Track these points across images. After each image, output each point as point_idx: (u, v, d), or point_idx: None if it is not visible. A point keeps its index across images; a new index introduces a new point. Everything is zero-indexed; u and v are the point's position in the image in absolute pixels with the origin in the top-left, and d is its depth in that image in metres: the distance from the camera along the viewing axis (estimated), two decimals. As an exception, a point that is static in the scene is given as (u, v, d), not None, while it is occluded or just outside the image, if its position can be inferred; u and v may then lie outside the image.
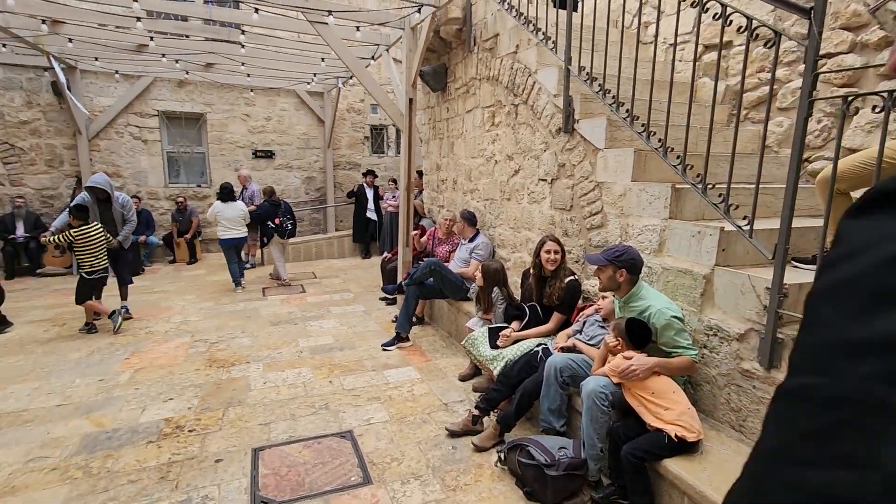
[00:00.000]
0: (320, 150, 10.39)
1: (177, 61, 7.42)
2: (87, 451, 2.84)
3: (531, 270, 3.54)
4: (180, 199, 8.84)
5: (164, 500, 2.44)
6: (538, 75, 3.99)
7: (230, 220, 6.50)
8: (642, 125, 2.95)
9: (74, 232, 4.73)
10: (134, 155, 8.92)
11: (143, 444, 2.91)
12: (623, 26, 3.66)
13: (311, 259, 9.14)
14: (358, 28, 5.58)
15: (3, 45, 6.60)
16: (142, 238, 8.27)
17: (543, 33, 3.82)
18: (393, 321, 5.14)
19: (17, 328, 5.15)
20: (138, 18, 5.26)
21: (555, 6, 3.74)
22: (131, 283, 5.63)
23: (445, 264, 4.71)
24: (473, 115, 5.22)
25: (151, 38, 6.18)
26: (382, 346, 4.55)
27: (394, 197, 9.34)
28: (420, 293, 4.61)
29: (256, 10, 4.96)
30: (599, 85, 3.26)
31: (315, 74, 8.05)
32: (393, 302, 6.06)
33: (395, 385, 3.77)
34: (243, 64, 7.33)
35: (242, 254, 7.54)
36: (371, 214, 9.27)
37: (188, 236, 8.72)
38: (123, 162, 8.86)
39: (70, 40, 6.23)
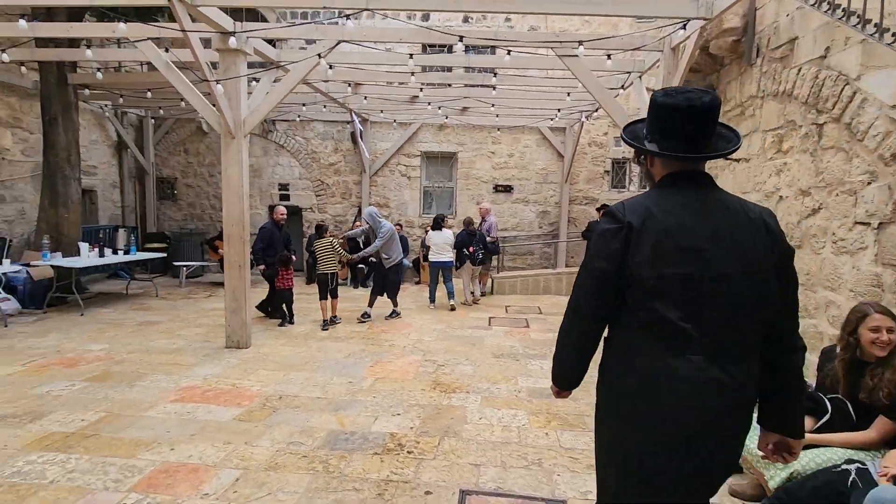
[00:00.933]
0: (557, 185, 10.33)
1: (439, 108, 8.44)
2: (329, 447, 3.19)
3: (839, 350, 2.52)
4: (429, 228, 9.95)
5: (378, 519, 2.49)
6: (862, 82, 2.94)
7: (438, 245, 7.42)
8: None
9: (316, 243, 6.48)
10: (400, 189, 10.52)
11: (370, 454, 3.11)
12: None
13: (538, 293, 9.03)
14: (609, 56, 5.27)
15: (325, 106, 8.65)
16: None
17: (876, 25, 2.79)
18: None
19: (303, 325, 6.46)
20: (412, 73, 6.15)
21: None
22: (391, 298, 6.79)
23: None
24: (749, 141, 4.25)
25: (421, 90, 7.17)
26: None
27: None
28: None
29: (509, 52, 5.18)
30: None
31: (559, 110, 8.05)
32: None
33: None
34: (493, 105, 7.85)
35: (476, 283, 8.10)
36: (605, 253, 8.63)
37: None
38: (392, 195, 10.54)
39: (365, 98, 7.74)
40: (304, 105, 8.27)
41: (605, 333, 1.49)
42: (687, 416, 1.28)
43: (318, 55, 5.00)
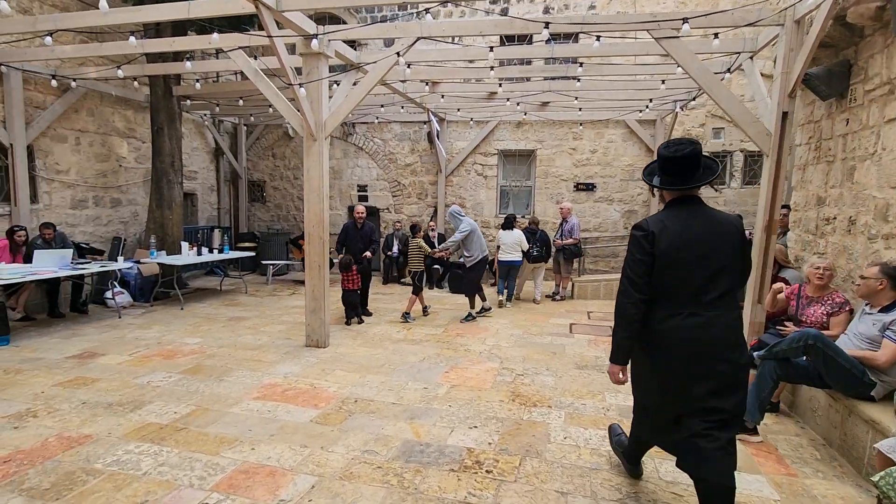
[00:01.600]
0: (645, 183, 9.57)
1: (518, 104, 8.13)
2: (404, 459, 3.04)
3: None
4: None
5: (455, 547, 2.29)
6: None
7: (508, 245, 7.48)
8: None
9: (410, 242, 7.09)
10: (476, 189, 10.32)
11: (447, 471, 2.92)
12: None
13: (622, 299, 8.41)
14: (716, 35, 4.67)
15: (402, 107, 8.67)
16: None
17: None
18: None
19: (378, 325, 6.46)
20: (492, 67, 5.91)
21: None
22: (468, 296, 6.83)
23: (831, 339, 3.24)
24: (899, 125, 3.52)
25: (500, 84, 6.90)
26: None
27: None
28: (783, 373, 3.30)
29: (598, 38, 4.77)
30: None
31: (651, 100, 7.39)
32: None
33: (737, 496, 2.71)
34: (577, 98, 7.39)
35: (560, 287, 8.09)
36: (701, 256, 7.83)
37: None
38: (468, 195, 10.37)
39: (442, 96, 7.62)
40: (382, 106, 8.34)
41: None
42: (683, 346, 2.14)
43: (397, 53, 4.93)
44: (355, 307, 6.50)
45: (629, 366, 2.38)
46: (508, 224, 7.53)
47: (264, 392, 4.06)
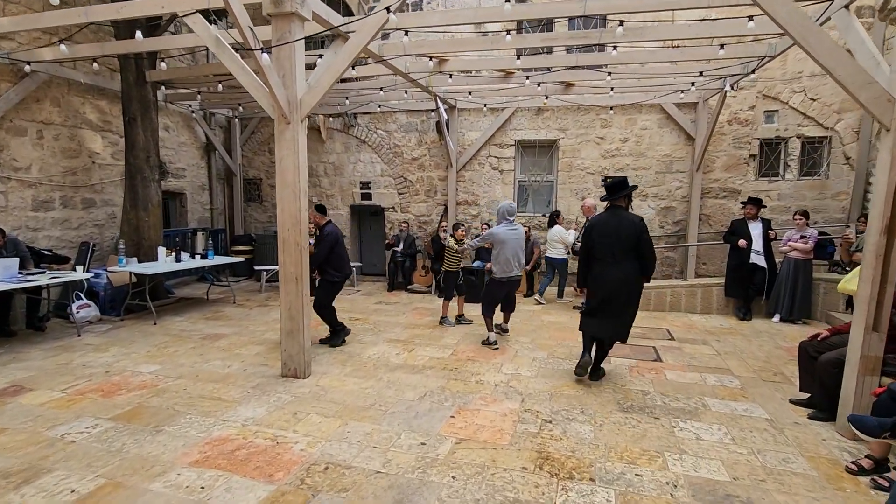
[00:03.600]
0: (685, 175, 8.36)
1: (539, 84, 7.01)
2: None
3: None
4: (525, 229, 8.55)
5: None
6: None
7: (550, 241, 7.74)
8: None
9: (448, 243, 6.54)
10: (491, 184, 9.23)
11: None
12: None
13: (662, 309, 7.24)
14: (809, -29, 3.51)
15: (406, 92, 7.63)
16: (487, 266, 8.32)
17: None
18: (852, 468, 2.83)
19: (375, 345, 5.45)
20: (507, 31, 4.82)
21: None
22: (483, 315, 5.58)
23: None
24: None
25: (518, 57, 5.80)
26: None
27: (802, 237, 6.44)
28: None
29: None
30: None
31: (701, 73, 6.18)
32: (822, 418, 3.59)
33: None
34: (609, 73, 6.22)
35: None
36: (758, 259, 6.64)
37: (528, 267, 8.30)
38: (481, 191, 9.28)
39: (450, 76, 6.55)
40: (381, 89, 7.29)
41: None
42: (608, 285, 4.10)
43: (387, 9, 3.88)
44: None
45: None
46: (551, 221, 7.77)
47: (207, 452, 3.07)
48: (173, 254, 7.06)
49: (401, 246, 8.95)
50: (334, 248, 5.32)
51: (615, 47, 5.23)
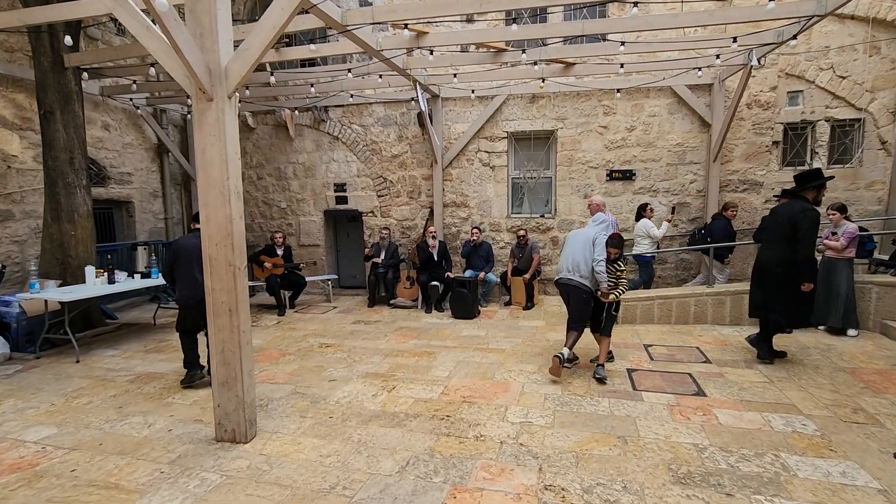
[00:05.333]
0: (700, 166, 7.41)
1: (535, 64, 5.99)
2: None
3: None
4: (521, 232, 7.53)
5: None
6: None
7: (636, 237, 6.89)
8: None
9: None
10: (481, 183, 8.19)
11: None
12: None
13: (686, 321, 6.23)
14: None
15: (380, 76, 6.57)
16: (481, 275, 7.28)
17: None
18: None
19: (348, 383, 4.35)
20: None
21: None
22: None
23: None
24: None
25: (514, 21, 4.76)
26: None
27: (833, 234, 5.51)
28: None
29: None
30: None
31: (734, 39, 5.19)
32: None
33: None
34: (623, 43, 5.20)
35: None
36: (796, 261, 5.66)
37: (527, 276, 7.27)
38: (471, 190, 8.24)
39: (431, 53, 5.50)
40: (349, 71, 6.18)
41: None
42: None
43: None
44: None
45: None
46: (638, 215, 7.04)
47: None
48: (105, 274, 5.88)
49: (382, 256, 7.86)
50: (174, 264, 4.31)
51: (634, 3, 4.21)
